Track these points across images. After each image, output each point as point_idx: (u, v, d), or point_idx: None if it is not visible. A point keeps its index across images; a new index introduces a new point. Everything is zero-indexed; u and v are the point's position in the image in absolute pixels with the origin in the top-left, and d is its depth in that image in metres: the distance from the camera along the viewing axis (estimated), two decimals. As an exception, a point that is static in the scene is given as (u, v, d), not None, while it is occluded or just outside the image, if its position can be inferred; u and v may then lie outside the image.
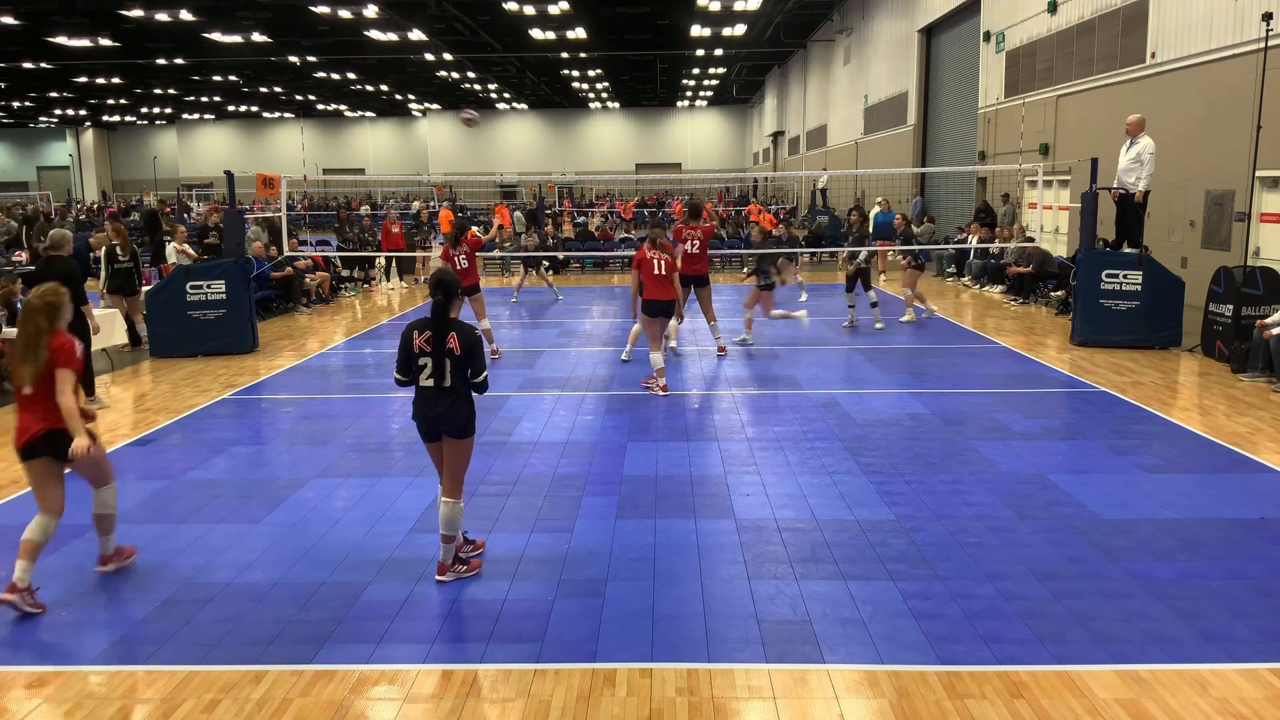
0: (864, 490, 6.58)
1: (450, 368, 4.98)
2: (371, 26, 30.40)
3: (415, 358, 5.03)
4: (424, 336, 5.00)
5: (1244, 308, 10.48)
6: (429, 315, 5.03)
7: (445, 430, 5.06)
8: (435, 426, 5.07)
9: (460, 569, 5.20)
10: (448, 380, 5.00)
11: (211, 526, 6.07)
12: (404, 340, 5.07)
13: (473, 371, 5.04)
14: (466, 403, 5.08)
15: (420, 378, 5.03)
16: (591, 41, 35.57)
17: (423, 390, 5.05)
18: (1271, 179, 12.84)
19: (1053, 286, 15.53)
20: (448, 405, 5.01)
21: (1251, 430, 8.01)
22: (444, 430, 5.07)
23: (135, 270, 12.52)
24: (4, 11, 27.05)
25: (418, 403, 5.10)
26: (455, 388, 5.02)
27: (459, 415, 5.04)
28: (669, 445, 7.75)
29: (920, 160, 27.96)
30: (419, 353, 5.01)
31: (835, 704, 3.95)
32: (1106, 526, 5.84)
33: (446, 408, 5.01)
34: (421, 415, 5.09)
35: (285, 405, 9.50)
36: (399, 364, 5.13)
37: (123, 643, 4.54)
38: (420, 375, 5.03)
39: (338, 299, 18.43)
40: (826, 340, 12.69)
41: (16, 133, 69.24)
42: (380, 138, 68.44)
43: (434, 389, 5.02)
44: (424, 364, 5.00)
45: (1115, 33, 16.75)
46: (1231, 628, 4.53)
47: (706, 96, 61.68)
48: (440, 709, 3.96)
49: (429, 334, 4.99)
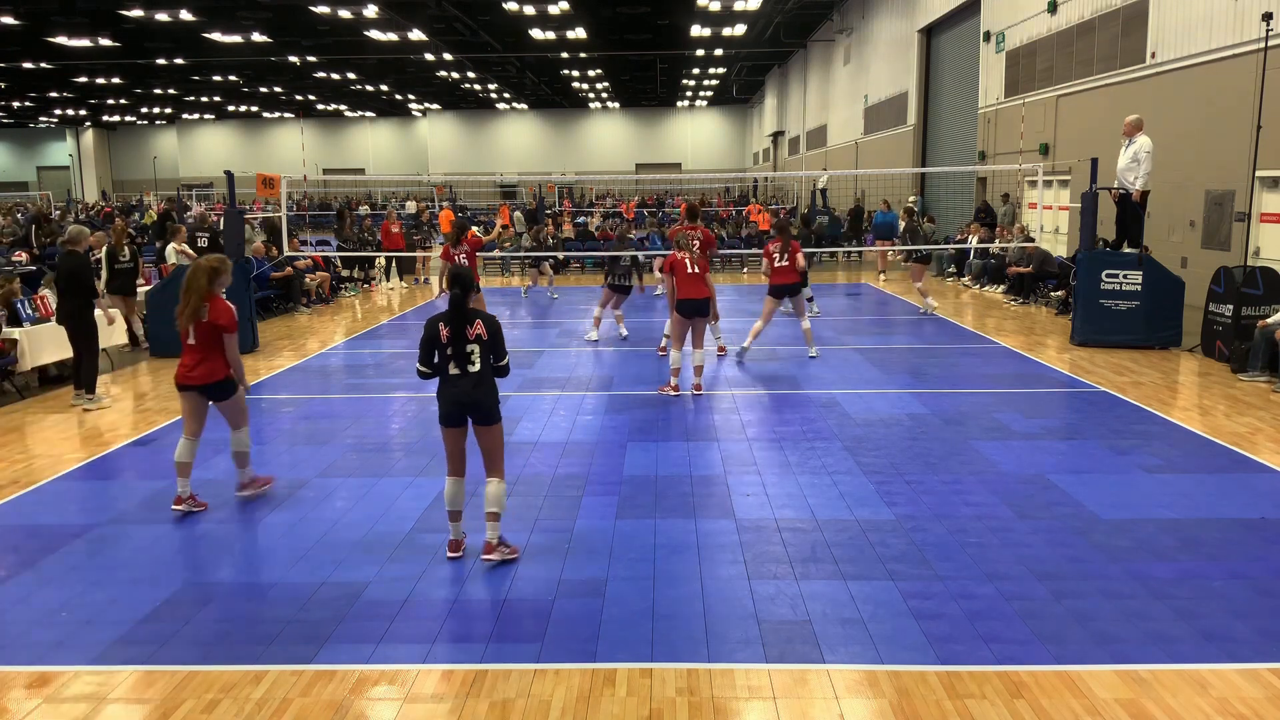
0: (864, 490, 6.58)
1: (478, 354, 5.25)
2: (371, 26, 30.39)
3: (441, 349, 5.24)
4: (448, 329, 5.23)
5: (1244, 308, 10.48)
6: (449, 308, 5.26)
7: (474, 416, 5.30)
8: (464, 412, 5.29)
9: (505, 550, 5.38)
10: (475, 365, 5.25)
11: (211, 526, 6.07)
12: (428, 333, 5.28)
13: (495, 356, 5.33)
14: (492, 387, 5.34)
15: (449, 367, 5.25)
16: (591, 41, 35.57)
17: (451, 379, 5.27)
18: (1271, 179, 12.84)
19: (1053, 286, 15.53)
20: (476, 391, 5.26)
21: (1251, 430, 8.01)
22: (473, 416, 5.30)
23: (136, 271, 12.57)
24: (4, 11, 27.05)
25: (445, 390, 5.29)
26: (483, 372, 5.28)
27: (486, 400, 5.29)
28: (669, 445, 7.75)
29: (920, 160, 27.97)
30: (445, 344, 5.23)
31: (835, 704, 3.95)
32: (1106, 526, 5.84)
33: (475, 393, 5.25)
34: (450, 401, 5.28)
35: (285, 405, 9.50)
36: (421, 356, 5.34)
37: (123, 643, 4.53)
38: (448, 365, 5.24)
39: (338, 299, 18.43)
40: (826, 340, 12.68)
41: (16, 133, 69.23)
42: (380, 138, 68.43)
43: (461, 376, 5.25)
44: (450, 354, 5.22)
45: (1115, 33, 16.75)
46: (1231, 628, 4.53)
47: (706, 96, 61.66)
48: (440, 709, 3.96)
49: (451, 327, 5.22)
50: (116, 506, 6.50)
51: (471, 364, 5.24)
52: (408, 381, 10.41)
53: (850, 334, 13.20)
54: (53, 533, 5.99)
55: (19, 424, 8.95)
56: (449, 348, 5.23)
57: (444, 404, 5.30)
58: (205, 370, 6.14)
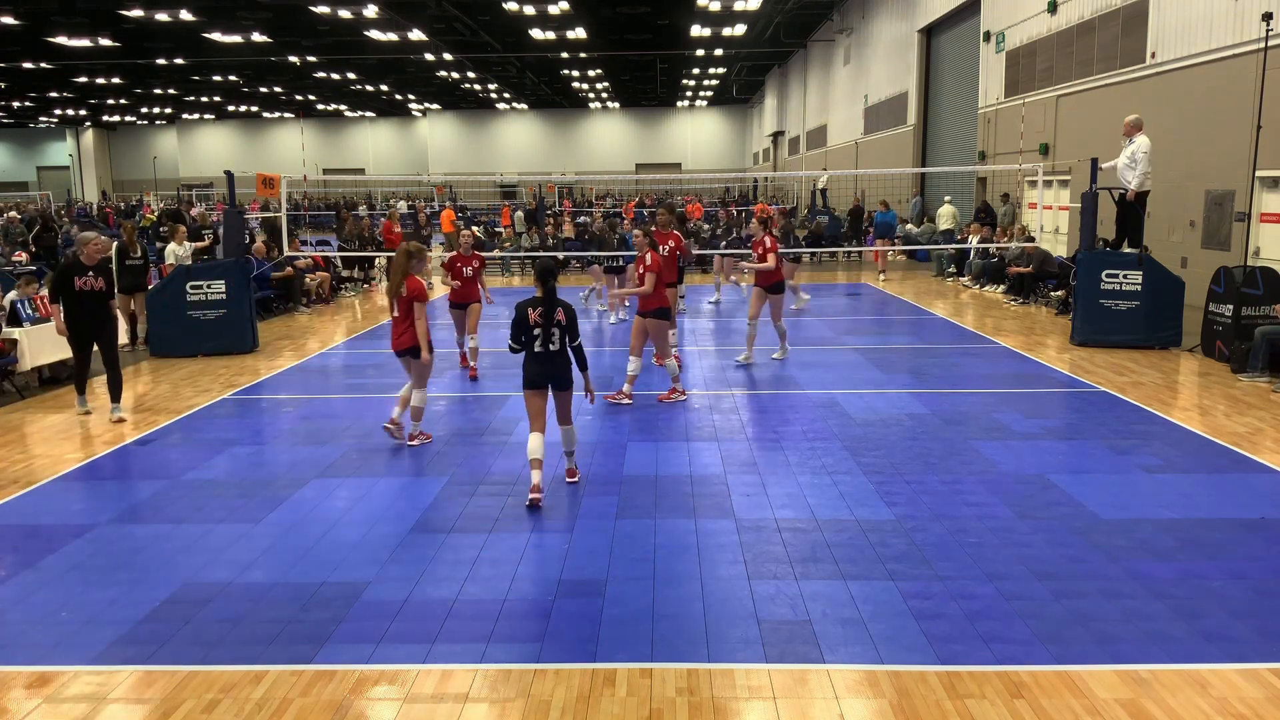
0: (864, 490, 6.58)
1: (558, 335, 6.33)
2: (371, 26, 30.39)
3: (529, 329, 6.29)
4: (537, 312, 6.29)
5: (1244, 308, 10.48)
6: (538, 296, 6.32)
7: (554, 384, 6.44)
8: (546, 380, 6.41)
9: (578, 474, 6.81)
10: (555, 344, 6.34)
11: (211, 526, 6.07)
12: (519, 316, 6.32)
13: (571, 337, 6.43)
14: (568, 361, 6.49)
15: (534, 345, 6.30)
16: (591, 41, 35.56)
17: (536, 355, 6.35)
18: (1271, 179, 12.84)
19: (1053, 286, 15.53)
20: (556, 364, 6.40)
21: (1251, 430, 8.01)
22: (553, 384, 6.43)
23: (146, 268, 12.69)
24: (4, 11, 27.05)
25: (531, 364, 6.39)
26: (562, 350, 6.40)
27: (564, 371, 6.45)
28: (669, 445, 7.75)
29: (920, 160, 27.97)
30: (533, 325, 6.28)
31: (835, 704, 3.95)
32: (1106, 526, 5.84)
33: (556, 366, 6.40)
34: (535, 373, 6.39)
35: (285, 405, 9.50)
36: (513, 335, 6.35)
37: (123, 643, 4.53)
38: (534, 343, 6.30)
39: (338, 299, 18.43)
40: (826, 340, 12.68)
41: (16, 133, 69.23)
42: (380, 138, 68.44)
43: (545, 353, 6.35)
44: (537, 334, 6.29)
45: (1115, 33, 16.75)
46: (1231, 628, 4.53)
47: (706, 96, 61.66)
48: (440, 709, 3.96)
49: (541, 310, 6.28)
50: (116, 506, 6.50)
51: (553, 343, 6.32)
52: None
53: (850, 334, 13.20)
54: (53, 533, 5.99)
55: (19, 424, 8.95)
56: (536, 329, 6.27)
57: (530, 373, 6.39)
58: (410, 336, 7.49)
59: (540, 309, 6.31)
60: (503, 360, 11.26)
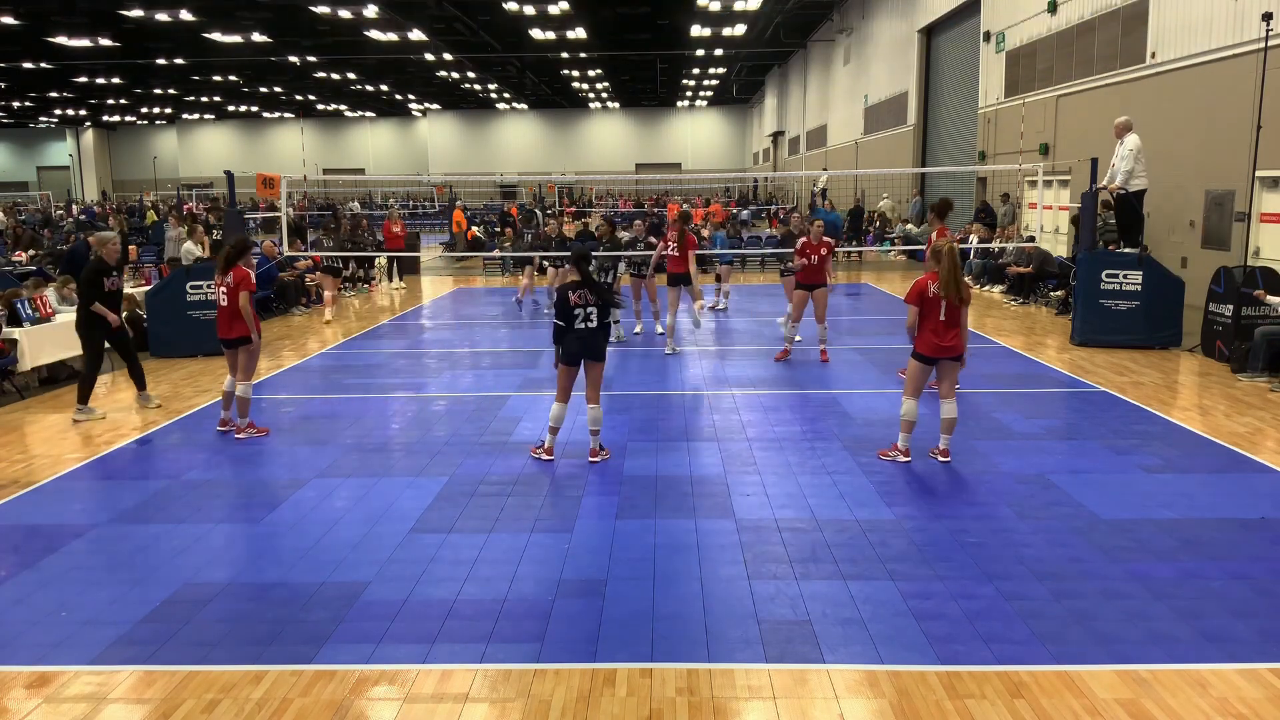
0: (864, 490, 6.58)
1: (596, 314, 7.09)
2: (371, 26, 30.39)
3: (572, 310, 7.02)
4: (578, 294, 7.03)
5: (1244, 308, 10.48)
6: (576, 280, 7.08)
7: (592, 357, 7.15)
8: (585, 355, 7.13)
9: (604, 454, 7.34)
10: (593, 322, 7.11)
11: (211, 526, 6.07)
12: (561, 298, 7.07)
13: (603, 315, 7.21)
14: (606, 335, 7.29)
15: (576, 323, 7.04)
16: (591, 41, 35.56)
17: (578, 331, 7.06)
18: (1271, 179, 12.84)
19: (1053, 286, 15.53)
20: (595, 339, 7.13)
21: (1251, 430, 8.01)
22: (589, 357, 7.14)
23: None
24: (4, 11, 27.06)
25: (573, 340, 7.07)
26: (599, 328, 7.17)
27: (600, 345, 7.21)
28: (669, 445, 7.75)
29: (920, 160, 27.96)
30: (575, 306, 7.02)
31: (835, 704, 3.95)
32: (1106, 526, 5.84)
33: (594, 341, 7.13)
34: (577, 349, 7.08)
35: (285, 405, 9.50)
36: (559, 315, 7.08)
37: (122, 643, 4.53)
38: (574, 322, 7.03)
39: (341, 299, 18.39)
40: (826, 340, 12.65)
41: (16, 133, 69.24)
42: (380, 138, 68.45)
43: (587, 330, 7.08)
44: (578, 314, 7.02)
45: (1115, 33, 16.75)
46: (1231, 628, 4.53)
47: (706, 96, 61.66)
48: (440, 709, 3.96)
49: (582, 291, 7.03)
50: (116, 506, 6.49)
51: (591, 321, 7.08)
52: (408, 381, 10.41)
53: (850, 334, 13.19)
54: (53, 533, 5.99)
55: (19, 424, 8.95)
56: (578, 309, 7.01)
57: (569, 349, 7.08)
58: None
59: (580, 291, 7.03)
60: (503, 360, 11.28)
